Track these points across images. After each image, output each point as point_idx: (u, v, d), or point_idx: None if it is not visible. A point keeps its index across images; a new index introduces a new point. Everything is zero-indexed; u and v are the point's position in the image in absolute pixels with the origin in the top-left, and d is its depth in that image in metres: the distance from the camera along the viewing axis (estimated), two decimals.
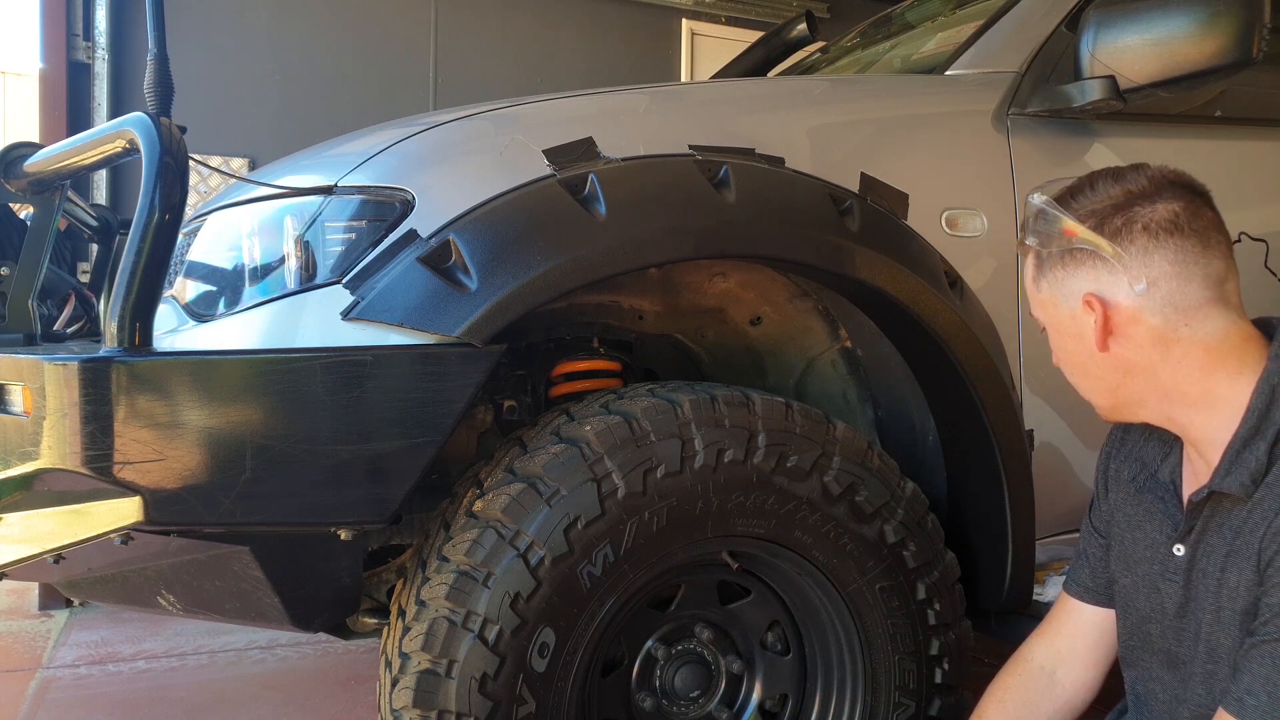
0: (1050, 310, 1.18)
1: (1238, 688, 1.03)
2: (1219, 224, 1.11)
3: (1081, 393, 1.22)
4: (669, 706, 1.62)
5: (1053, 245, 1.14)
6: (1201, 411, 1.11)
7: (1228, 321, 1.09)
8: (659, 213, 1.46)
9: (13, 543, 1.45)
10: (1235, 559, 1.08)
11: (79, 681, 2.70)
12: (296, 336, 1.37)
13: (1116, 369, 1.14)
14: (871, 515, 1.57)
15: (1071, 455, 1.83)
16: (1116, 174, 1.13)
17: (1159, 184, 1.10)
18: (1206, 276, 1.09)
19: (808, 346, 1.88)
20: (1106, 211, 1.10)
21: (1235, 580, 1.08)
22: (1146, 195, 1.10)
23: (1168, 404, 1.14)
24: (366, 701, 2.54)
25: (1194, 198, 1.10)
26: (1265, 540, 1.04)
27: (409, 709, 1.36)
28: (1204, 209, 1.10)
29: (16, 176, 1.84)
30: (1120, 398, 1.17)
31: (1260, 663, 1.02)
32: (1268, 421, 1.06)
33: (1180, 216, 1.08)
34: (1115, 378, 1.15)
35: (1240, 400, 1.08)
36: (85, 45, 3.65)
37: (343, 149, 1.64)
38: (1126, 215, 1.09)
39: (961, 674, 1.67)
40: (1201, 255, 1.08)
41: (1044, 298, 1.19)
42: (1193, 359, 1.10)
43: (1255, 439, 1.06)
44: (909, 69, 2.20)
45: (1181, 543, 1.15)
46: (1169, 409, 1.14)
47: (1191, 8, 1.63)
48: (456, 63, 4.28)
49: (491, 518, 1.40)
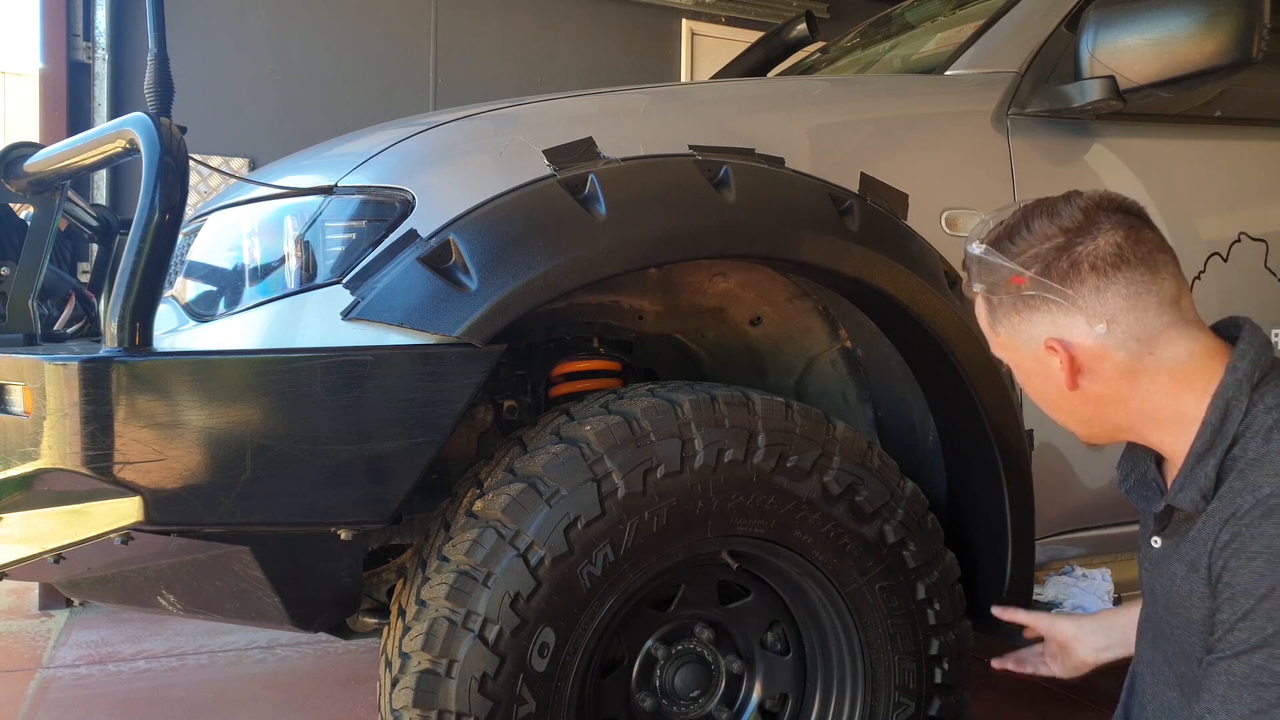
0: (1012, 353, 1.18)
1: (1199, 707, 1.04)
2: (1161, 243, 1.10)
3: (1059, 423, 1.22)
4: (669, 706, 1.62)
5: (1001, 293, 1.14)
6: (1173, 431, 1.12)
7: (1190, 340, 1.09)
8: (659, 213, 1.46)
9: (13, 543, 1.45)
10: (1192, 571, 1.09)
11: (79, 681, 2.70)
12: (296, 336, 1.37)
13: (1088, 403, 1.14)
14: (871, 515, 1.58)
15: (1071, 455, 1.83)
16: (1049, 209, 1.11)
17: (1093, 215, 1.09)
18: (1161, 301, 1.08)
19: (808, 346, 1.88)
20: (1049, 254, 1.09)
21: (1188, 590, 1.09)
22: (1084, 230, 1.08)
23: (1142, 426, 1.14)
24: (366, 701, 2.54)
25: (1132, 222, 1.09)
26: (1213, 555, 1.05)
27: (409, 709, 1.37)
28: (1144, 231, 1.09)
29: (16, 176, 1.84)
30: (1096, 427, 1.18)
31: (1217, 680, 1.02)
32: (1220, 436, 1.06)
33: (1123, 247, 1.07)
34: (1089, 410, 1.16)
35: None
36: (85, 45, 3.65)
37: (343, 149, 1.64)
38: (1070, 256, 1.08)
39: (961, 674, 1.67)
40: (1152, 282, 1.08)
41: (1003, 341, 1.18)
42: (1160, 385, 1.10)
43: (1207, 455, 1.07)
44: (909, 69, 2.20)
45: (1159, 535, 1.18)
46: (1144, 431, 1.15)
47: (1191, 8, 1.63)
48: (456, 63, 4.28)
49: (491, 518, 1.40)
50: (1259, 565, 1.00)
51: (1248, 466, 1.04)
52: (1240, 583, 1.01)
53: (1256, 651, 0.99)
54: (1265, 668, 0.98)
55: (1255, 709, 0.98)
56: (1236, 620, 1.01)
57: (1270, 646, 0.98)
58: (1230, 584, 1.02)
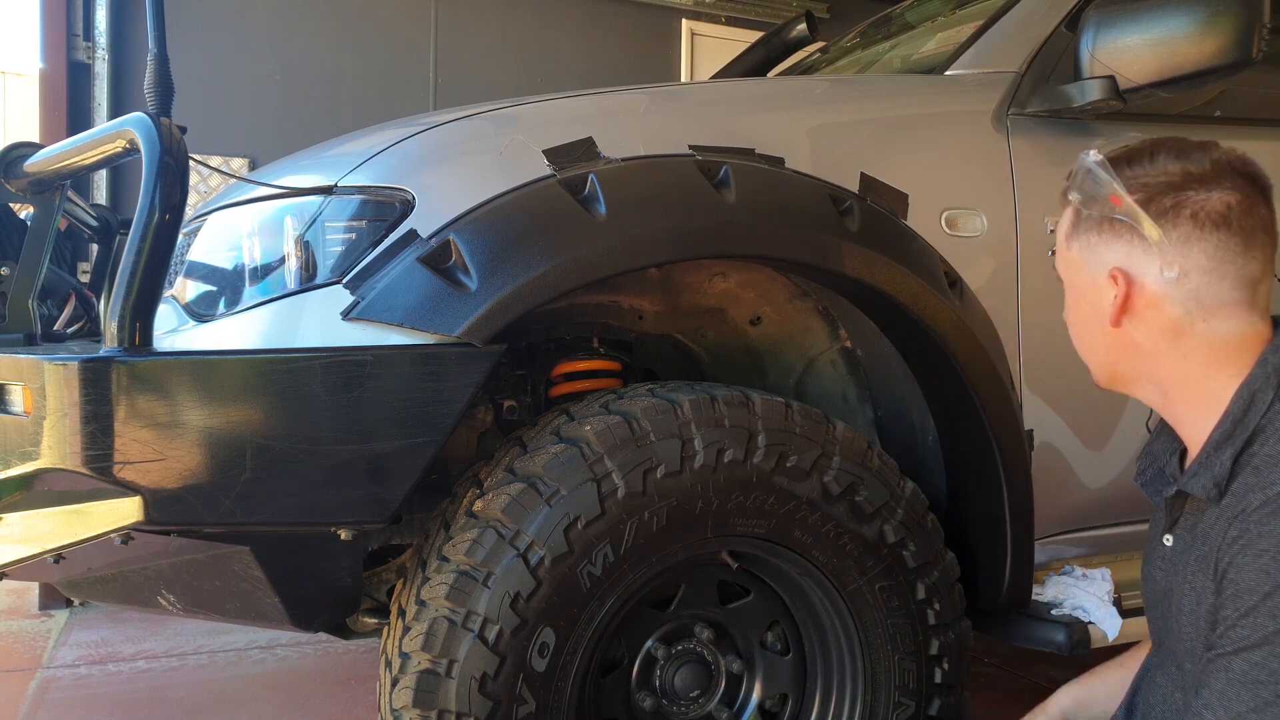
0: (1074, 271, 1.16)
1: (1198, 703, 1.03)
2: (1269, 224, 1.07)
3: (1079, 353, 1.21)
4: (669, 706, 1.62)
5: (1094, 209, 1.11)
6: (1194, 408, 1.10)
7: (1246, 324, 1.07)
8: (659, 213, 1.46)
9: (13, 543, 1.45)
10: (1201, 567, 1.08)
11: (79, 681, 2.70)
12: (297, 336, 1.37)
13: (1121, 346, 1.13)
14: (871, 515, 1.57)
15: (1071, 455, 1.83)
16: (1180, 149, 1.08)
17: (1221, 169, 1.06)
18: (1240, 277, 1.06)
19: (808, 346, 1.88)
20: (1159, 188, 1.06)
21: (1198, 587, 1.08)
22: (1205, 180, 1.06)
23: (1161, 392, 1.13)
24: (366, 701, 2.54)
25: (1252, 191, 1.06)
26: (1221, 550, 1.04)
27: (409, 709, 1.37)
28: (1259, 205, 1.07)
29: (16, 176, 1.84)
30: (1118, 372, 1.16)
31: (1216, 677, 1.01)
32: (1241, 427, 1.05)
33: (1232, 210, 1.05)
34: (1116, 353, 1.14)
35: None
36: (85, 45, 3.65)
37: (343, 149, 1.64)
38: (1177, 198, 1.05)
39: (961, 674, 1.67)
40: (1241, 255, 1.06)
41: (1072, 256, 1.16)
42: (1198, 355, 1.08)
43: (1225, 444, 1.05)
44: (909, 69, 2.20)
45: (1169, 533, 1.17)
46: (1162, 397, 1.13)
47: (1191, 8, 1.63)
48: (456, 63, 4.28)
49: (491, 518, 1.40)
50: (1265, 562, 0.99)
51: (1263, 463, 1.03)
52: (1245, 579, 1.00)
53: (1257, 649, 0.98)
54: (1264, 665, 0.97)
55: (1252, 706, 0.97)
56: (1239, 617, 1.00)
57: (1271, 645, 0.97)
58: (1235, 580, 1.01)
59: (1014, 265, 1.75)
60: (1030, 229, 1.77)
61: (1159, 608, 1.21)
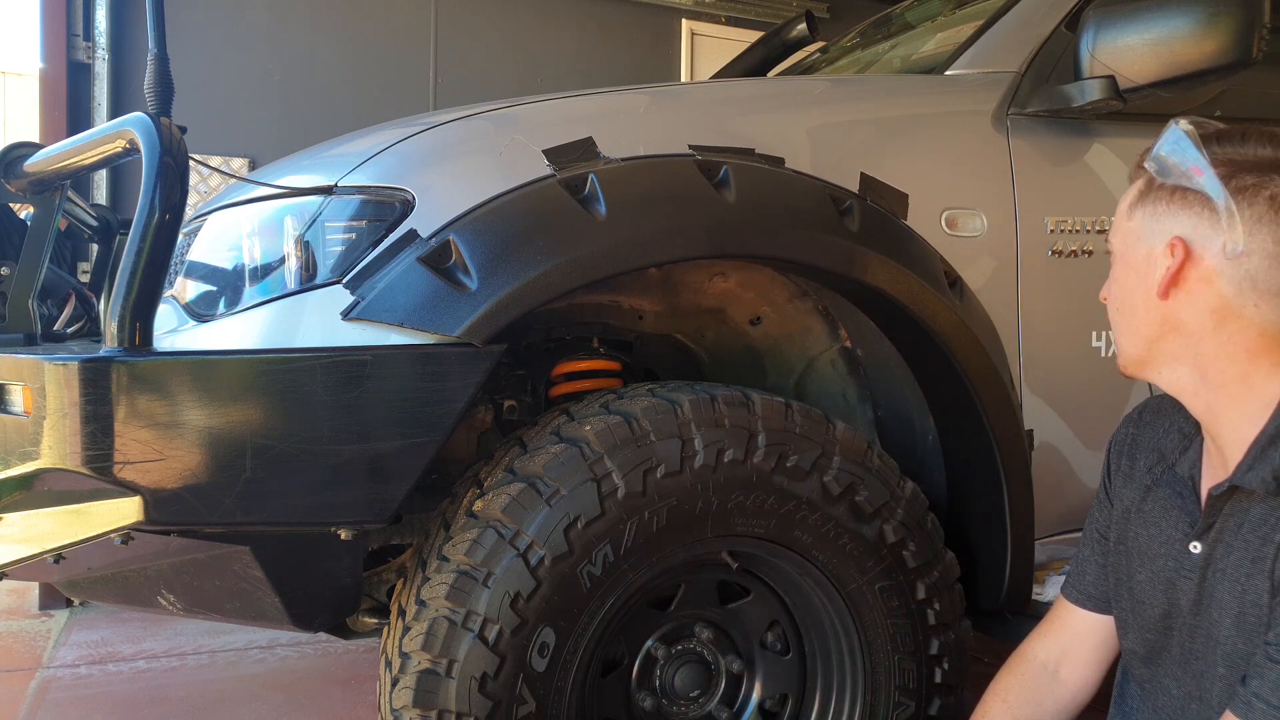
0: (1129, 240, 1.14)
1: (1246, 690, 1.01)
2: None
3: (1116, 332, 1.18)
4: (669, 706, 1.62)
5: (1170, 178, 1.09)
6: (1230, 397, 1.08)
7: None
8: (659, 213, 1.46)
9: (13, 543, 1.45)
10: (1259, 565, 1.05)
11: (79, 681, 2.70)
12: (297, 336, 1.37)
13: (1164, 322, 1.10)
14: (871, 515, 1.58)
15: (1071, 455, 1.83)
16: (1274, 136, 1.07)
17: None
18: None
19: (808, 346, 1.88)
20: (1245, 165, 1.05)
21: (1259, 588, 1.05)
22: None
23: (1198, 376, 1.10)
24: (366, 701, 2.54)
25: None
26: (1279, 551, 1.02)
27: (409, 709, 1.37)
28: None
29: (16, 176, 1.84)
30: (1154, 352, 1.13)
31: (1272, 669, 0.99)
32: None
33: None
34: (1159, 330, 1.11)
35: (1274, 394, 1.05)
36: (85, 45, 3.65)
37: (343, 149, 1.64)
38: (1260, 179, 1.04)
39: (961, 674, 1.68)
40: None
41: (1132, 225, 1.13)
42: (1242, 340, 1.06)
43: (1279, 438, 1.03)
44: (909, 69, 2.20)
45: (1199, 540, 1.12)
46: (1197, 382, 1.11)
47: (1191, 8, 1.63)
48: (456, 63, 4.28)
49: (491, 517, 1.40)
50: None
51: None
52: None
53: None
54: None
55: None
56: None
57: None
58: None
59: (1014, 265, 1.75)
60: (1030, 229, 1.77)
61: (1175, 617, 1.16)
